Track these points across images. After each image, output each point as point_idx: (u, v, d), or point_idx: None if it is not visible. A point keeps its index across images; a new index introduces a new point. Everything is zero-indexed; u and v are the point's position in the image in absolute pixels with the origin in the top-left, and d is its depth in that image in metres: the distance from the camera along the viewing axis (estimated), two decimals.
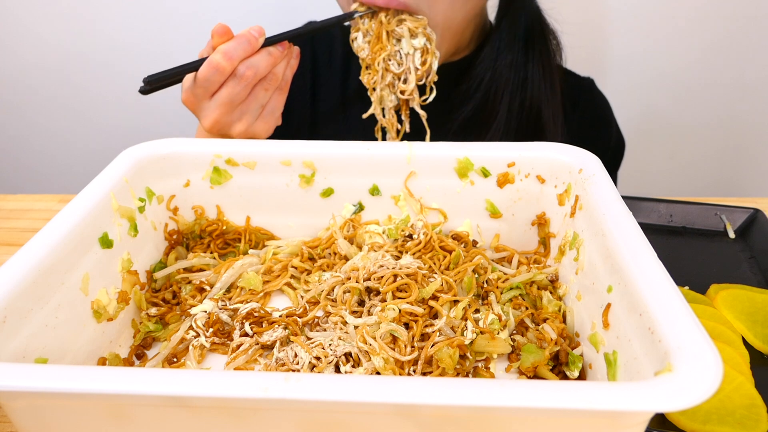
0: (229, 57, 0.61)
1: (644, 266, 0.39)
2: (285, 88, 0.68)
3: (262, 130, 0.67)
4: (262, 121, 0.67)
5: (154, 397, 0.33)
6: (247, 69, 0.62)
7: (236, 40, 0.62)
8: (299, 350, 0.47)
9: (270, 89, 0.66)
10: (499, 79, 0.79)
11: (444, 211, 0.60)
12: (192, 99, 0.65)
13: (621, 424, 0.33)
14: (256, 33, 0.63)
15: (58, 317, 0.43)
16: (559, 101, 0.81)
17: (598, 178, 0.51)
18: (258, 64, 0.63)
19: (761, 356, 0.53)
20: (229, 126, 0.66)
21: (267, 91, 0.65)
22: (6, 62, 1.40)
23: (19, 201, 0.84)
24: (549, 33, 0.81)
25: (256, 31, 0.63)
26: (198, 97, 0.64)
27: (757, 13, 1.24)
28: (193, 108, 0.66)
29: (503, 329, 0.49)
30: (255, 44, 0.62)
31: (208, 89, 0.63)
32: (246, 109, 0.65)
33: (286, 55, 0.67)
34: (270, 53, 0.64)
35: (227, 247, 0.61)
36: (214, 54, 0.62)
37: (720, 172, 1.45)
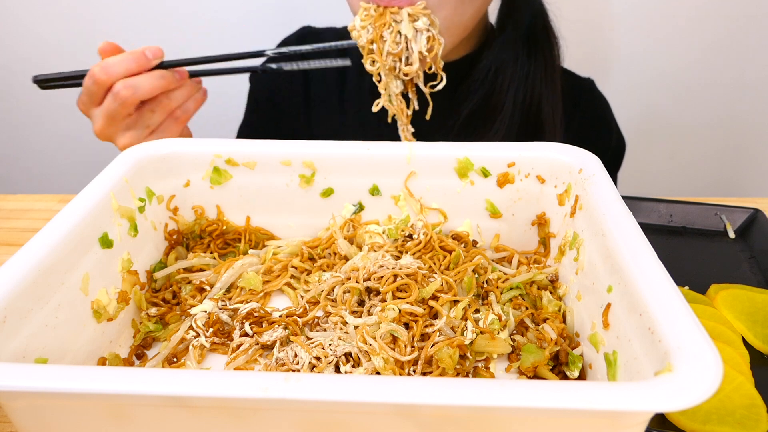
0: (106, 71, 0.61)
1: (644, 266, 0.39)
2: (182, 118, 0.67)
3: None
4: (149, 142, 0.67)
5: (154, 397, 0.33)
6: (124, 88, 0.62)
7: (121, 55, 0.62)
8: (299, 350, 0.47)
9: (158, 112, 0.65)
10: (504, 74, 0.79)
11: (444, 211, 0.60)
12: (81, 106, 0.67)
13: (621, 424, 0.33)
14: (149, 53, 0.62)
15: (58, 317, 0.43)
16: (559, 100, 0.81)
17: (598, 178, 0.51)
18: (138, 85, 0.62)
19: (761, 356, 0.53)
20: (114, 137, 0.66)
21: (154, 113, 0.64)
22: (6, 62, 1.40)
23: (19, 201, 0.84)
24: (551, 32, 0.81)
25: (150, 50, 0.63)
26: (85, 104, 0.66)
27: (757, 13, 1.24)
28: (84, 112, 0.67)
29: (503, 329, 0.49)
30: (142, 63, 0.62)
31: (91, 98, 0.64)
32: (131, 125, 0.65)
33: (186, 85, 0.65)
34: (162, 77, 0.63)
35: (227, 247, 0.61)
36: (95, 66, 0.62)
37: (720, 172, 1.45)
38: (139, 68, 0.62)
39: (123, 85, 0.61)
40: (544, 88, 0.80)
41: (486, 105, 0.80)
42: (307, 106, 0.93)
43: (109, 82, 0.62)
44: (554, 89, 0.81)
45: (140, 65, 0.62)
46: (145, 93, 0.62)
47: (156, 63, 0.63)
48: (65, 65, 1.39)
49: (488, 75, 0.80)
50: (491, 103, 0.80)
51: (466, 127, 0.81)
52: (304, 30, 0.97)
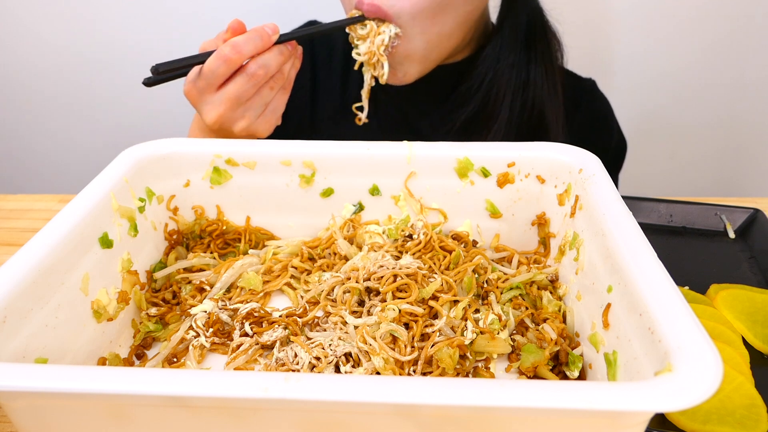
0: (238, 50, 0.60)
1: (644, 266, 0.39)
2: (288, 88, 0.68)
3: (263, 128, 0.67)
4: (263, 120, 0.66)
5: (154, 397, 0.33)
6: (259, 68, 0.61)
7: (248, 34, 0.61)
8: (299, 350, 0.47)
9: (275, 88, 0.65)
10: (501, 80, 0.79)
11: (444, 211, 0.60)
12: (194, 92, 0.64)
13: (621, 424, 0.33)
14: (269, 30, 0.62)
15: (58, 317, 0.43)
16: (560, 102, 0.81)
17: (598, 178, 0.51)
18: (269, 63, 0.62)
19: (761, 356, 0.53)
20: (232, 122, 0.65)
21: (272, 89, 0.65)
22: (6, 62, 1.40)
23: (19, 201, 0.84)
24: (551, 34, 0.81)
25: (270, 28, 0.62)
26: (201, 91, 0.63)
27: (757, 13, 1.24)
28: (194, 101, 0.65)
29: (503, 329, 0.49)
30: (267, 41, 0.62)
31: (212, 82, 0.62)
32: (250, 106, 0.64)
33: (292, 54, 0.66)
34: (281, 52, 0.63)
35: (227, 247, 0.61)
36: (224, 46, 0.61)
37: (720, 172, 1.45)
38: (265, 46, 0.62)
39: (257, 65, 0.61)
40: (545, 91, 0.80)
41: (485, 107, 0.80)
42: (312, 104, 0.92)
43: (241, 62, 0.61)
44: (555, 92, 0.81)
45: (265, 43, 0.61)
46: (273, 70, 0.62)
47: (275, 39, 0.63)
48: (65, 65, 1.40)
49: (486, 77, 0.80)
50: (490, 105, 0.80)
51: (465, 129, 0.81)
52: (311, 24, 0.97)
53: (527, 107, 0.79)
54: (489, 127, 0.79)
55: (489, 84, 0.79)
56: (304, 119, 0.93)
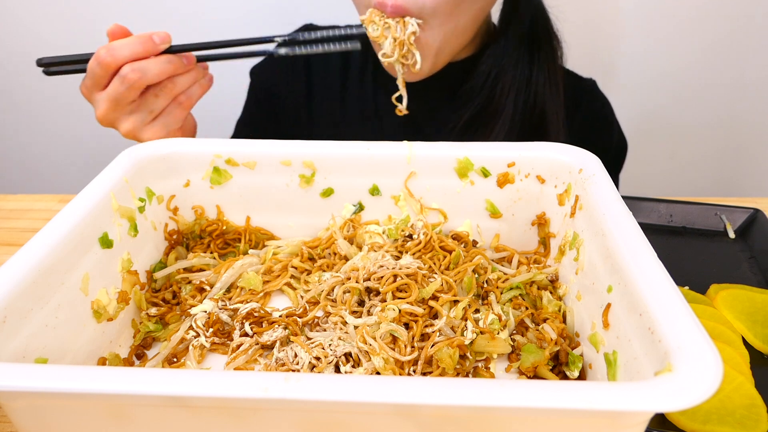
0: (112, 53, 0.60)
1: (644, 266, 0.39)
2: (186, 103, 0.66)
3: (149, 138, 0.65)
4: (150, 128, 0.65)
5: (154, 397, 0.33)
6: (132, 71, 0.61)
7: (129, 39, 0.62)
8: (299, 350, 0.47)
9: (162, 97, 0.64)
10: (505, 77, 0.79)
11: (444, 211, 0.60)
12: (84, 90, 0.66)
13: (621, 424, 0.33)
14: (156, 37, 0.62)
15: (58, 317, 0.43)
16: (561, 102, 0.81)
17: (598, 178, 0.51)
18: (145, 68, 0.61)
19: (761, 356, 0.53)
20: (117, 122, 0.65)
21: (158, 98, 0.64)
22: (6, 62, 1.40)
23: (19, 201, 0.84)
24: (552, 33, 0.81)
25: (158, 35, 0.62)
26: (88, 89, 0.65)
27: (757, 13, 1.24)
28: (86, 97, 0.67)
29: (503, 329, 0.49)
30: (148, 47, 0.61)
31: (96, 82, 0.63)
32: (133, 110, 0.64)
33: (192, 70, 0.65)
34: (169, 61, 0.62)
35: (227, 247, 0.61)
36: (101, 48, 0.61)
37: (720, 172, 1.45)
38: (146, 53, 0.61)
39: (131, 69, 0.61)
40: (547, 90, 0.80)
41: (487, 107, 0.80)
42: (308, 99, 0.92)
43: (115, 65, 0.61)
44: (557, 91, 0.81)
45: (147, 50, 0.61)
46: (152, 77, 0.61)
47: (163, 48, 0.62)
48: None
49: (489, 77, 0.80)
50: (492, 105, 0.80)
51: (467, 129, 0.81)
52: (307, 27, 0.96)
53: (529, 105, 0.79)
54: (492, 124, 0.79)
55: (493, 81, 0.80)
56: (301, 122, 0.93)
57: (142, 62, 0.61)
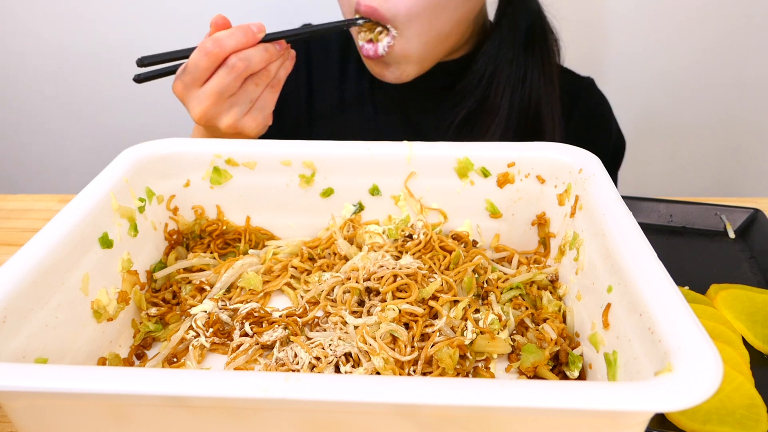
0: (219, 44, 0.61)
1: (644, 266, 0.39)
2: (277, 87, 0.68)
3: (250, 126, 0.67)
4: (250, 117, 0.66)
5: (154, 397, 0.33)
6: (239, 60, 0.61)
7: (231, 30, 0.62)
8: (299, 350, 0.47)
9: (261, 84, 0.65)
10: (500, 75, 0.79)
11: (444, 211, 0.60)
12: (181, 87, 0.65)
13: (621, 424, 0.33)
14: (254, 27, 0.62)
15: (58, 317, 0.43)
16: (557, 99, 0.81)
17: (598, 178, 0.51)
18: (251, 57, 0.62)
19: (761, 356, 0.53)
20: (218, 118, 0.65)
21: (258, 86, 0.65)
22: (6, 62, 1.40)
23: (19, 201, 0.84)
24: (549, 32, 0.81)
25: (255, 25, 0.63)
26: (187, 86, 0.64)
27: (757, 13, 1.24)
28: (182, 97, 0.65)
29: (503, 329, 0.49)
30: (251, 37, 0.62)
31: (197, 77, 0.62)
32: (235, 101, 0.65)
33: (282, 55, 0.66)
34: (266, 49, 0.63)
35: (227, 247, 0.61)
36: (206, 40, 0.61)
37: (720, 172, 1.45)
38: (248, 42, 0.62)
39: (237, 58, 0.61)
40: (543, 88, 0.80)
41: (483, 105, 0.80)
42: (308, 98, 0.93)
43: (223, 55, 0.61)
44: (552, 89, 0.81)
45: (249, 39, 0.62)
46: (256, 65, 0.62)
47: (261, 37, 0.63)
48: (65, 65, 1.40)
49: (484, 76, 0.80)
50: (488, 103, 0.80)
51: (463, 127, 0.81)
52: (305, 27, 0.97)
53: (525, 103, 0.80)
54: (489, 122, 0.80)
55: (489, 79, 0.80)
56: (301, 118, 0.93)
57: (247, 51, 0.62)
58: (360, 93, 0.90)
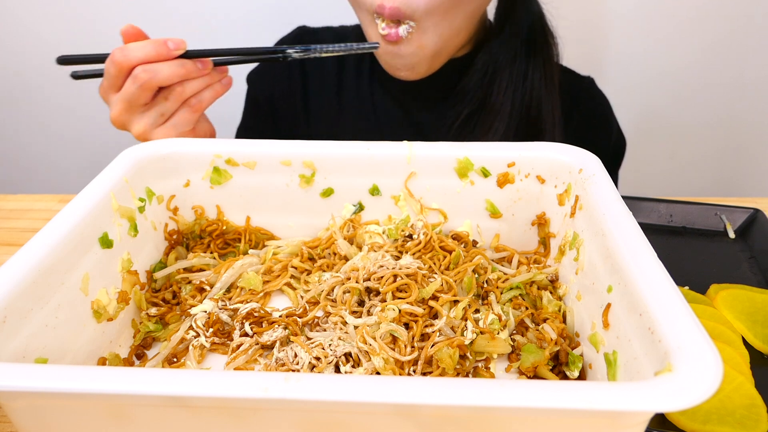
0: (125, 54, 0.62)
1: (644, 266, 0.39)
2: (196, 107, 0.67)
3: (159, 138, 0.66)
4: (161, 130, 0.66)
5: (154, 397, 0.33)
6: (143, 72, 0.62)
7: (143, 42, 0.63)
8: (299, 350, 0.47)
9: (171, 99, 0.65)
10: (502, 74, 0.80)
11: (444, 211, 0.60)
12: (102, 91, 0.67)
13: (621, 424, 0.33)
14: (171, 43, 0.63)
15: (58, 317, 0.43)
16: (557, 98, 0.82)
17: (598, 178, 0.51)
18: (157, 70, 0.62)
19: (761, 356, 0.53)
20: (129, 124, 0.66)
21: (167, 100, 0.65)
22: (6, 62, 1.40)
23: (19, 201, 0.84)
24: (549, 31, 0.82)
25: (172, 41, 0.63)
26: (105, 90, 0.66)
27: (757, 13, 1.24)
28: (104, 98, 0.68)
29: (503, 329, 0.49)
30: (162, 50, 0.62)
31: (111, 83, 0.64)
32: (145, 112, 0.65)
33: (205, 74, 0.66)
34: (181, 65, 0.63)
35: (227, 247, 0.61)
36: (116, 49, 0.62)
37: (720, 172, 1.45)
38: (158, 56, 0.62)
39: (142, 69, 0.62)
40: (543, 88, 0.80)
41: (484, 105, 0.81)
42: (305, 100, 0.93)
43: (128, 66, 0.62)
44: (552, 88, 0.81)
45: (160, 53, 0.62)
46: (163, 78, 0.62)
47: (177, 54, 0.63)
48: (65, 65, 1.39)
49: (486, 75, 0.81)
50: (489, 102, 0.80)
51: (464, 126, 0.82)
52: (301, 30, 0.97)
53: (525, 102, 0.80)
54: (490, 121, 0.80)
55: (490, 78, 0.80)
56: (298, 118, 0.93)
57: (155, 64, 0.62)
58: (359, 92, 0.90)
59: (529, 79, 0.80)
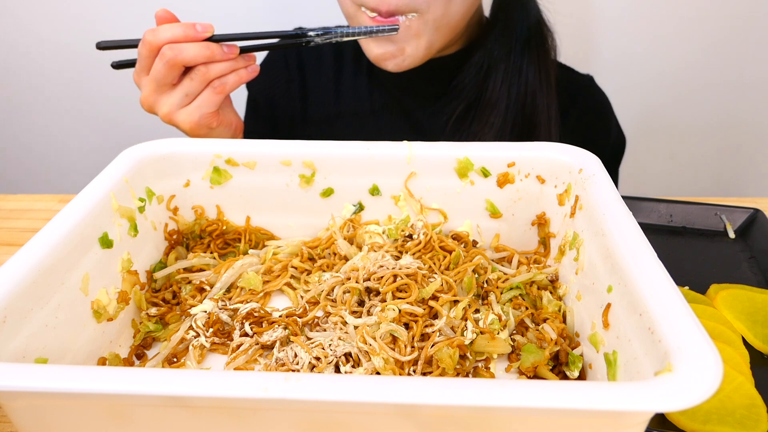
0: (155, 34, 0.63)
1: (644, 266, 0.39)
2: (220, 90, 0.67)
3: (184, 120, 0.67)
4: (185, 111, 0.67)
5: (154, 397, 0.33)
6: (168, 49, 0.63)
7: (172, 23, 0.64)
8: (299, 350, 0.47)
9: (195, 80, 0.66)
10: (497, 69, 0.80)
11: (444, 211, 0.60)
12: (135, 76, 0.69)
13: (621, 424, 0.33)
14: (199, 27, 0.64)
15: (58, 317, 0.43)
16: (554, 94, 0.82)
17: (598, 178, 0.51)
18: (183, 49, 0.63)
19: (761, 356, 0.53)
20: (156, 105, 0.68)
21: (192, 81, 0.66)
22: (6, 62, 1.40)
23: (19, 201, 0.84)
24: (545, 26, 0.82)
25: (200, 24, 0.64)
26: (138, 74, 0.68)
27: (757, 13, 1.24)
28: (137, 84, 0.69)
29: (503, 329, 0.49)
30: (189, 32, 0.64)
31: (143, 65, 0.66)
32: (171, 93, 0.67)
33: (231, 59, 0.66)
34: (206, 47, 0.64)
35: (227, 247, 0.61)
36: (147, 31, 0.64)
37: (720, 172, 1.45)
38: (186, 37, 0.64)
39: (168, 47, 0.64)
40: (538, 83, 0.81)
41: (480, 100, 0.81)
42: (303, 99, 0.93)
43: (157, 45, 0.64)
44: (548, 84, 0.82)
45: (187, 34, 0.64)
46: (188, 57, 0.64)
47: (205, 36, 0.64)
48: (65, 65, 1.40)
49: (481, 70, 0.81)
50: (485, 98, 0.81)
51: (461, 122, 0.82)
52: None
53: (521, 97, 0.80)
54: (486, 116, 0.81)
55: (485, 74, 0.81)
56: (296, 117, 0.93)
57: (182, 44, 0.64)
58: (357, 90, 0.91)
59: (524, 74, 0.80)
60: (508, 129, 0.80)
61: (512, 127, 0.80)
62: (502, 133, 0.79)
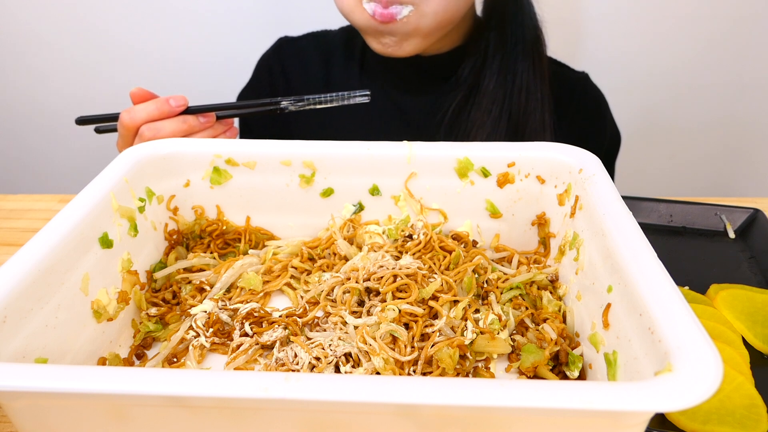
0: (131, 116, 0.67)
1: (644, 266, 0.39)
2: None
3: None
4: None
5: (154, 397, 0.33)
6: (147, 129, 0.67)
7: (147, 102, 0.67)
8: (299, 350, 0.47)
9: None
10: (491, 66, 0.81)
11: (444, 211, 0.60)
12: (118, 147, 0.73)
13: (621, 424, 0.33)
14: (173, 102, 0.67)
15: (58, 317, 0.43)
16: (547, 90, 0.83)
17: (598, 178, 0.51)
18: (161, 128, 0.66)
19: (761, 356, 0.53)
20: None
21: None
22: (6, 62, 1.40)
23: (19, 201, 0.84)
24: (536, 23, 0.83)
25: (174, 99, 0.67)
26: (120, 147, 0.72)
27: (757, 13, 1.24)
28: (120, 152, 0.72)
29: (503, 329, 0.49)
30: (164, 108, 0.67)
31: (124, 140, 0.70)
32: None
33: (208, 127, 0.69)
34: (184, 121, 0.67)
35: (227, 247, 0.61)
36: (123, 112, 0.67)
37: (720, 172, 1.45)
38: (161, 114, 0.67)
39: (147, 127, 0.67)
40: (533, 76, 0.81)
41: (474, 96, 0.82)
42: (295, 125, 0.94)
43: (134, 126, 0.67)
44: (542, 80, 0.82)
45: (162, 111, 0.67)
46: (166, 134, 0.66)
47: (179, 111, 0.68)
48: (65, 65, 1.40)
49: (474, 67, 0.83)
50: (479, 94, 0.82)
51: (456, 119, 0.83)
52: (282, 41, 0.99)
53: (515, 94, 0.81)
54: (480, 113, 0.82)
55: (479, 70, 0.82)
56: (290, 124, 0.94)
57: (159, 122, 0.67)
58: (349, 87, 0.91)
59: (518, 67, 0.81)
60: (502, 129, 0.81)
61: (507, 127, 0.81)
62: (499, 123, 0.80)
